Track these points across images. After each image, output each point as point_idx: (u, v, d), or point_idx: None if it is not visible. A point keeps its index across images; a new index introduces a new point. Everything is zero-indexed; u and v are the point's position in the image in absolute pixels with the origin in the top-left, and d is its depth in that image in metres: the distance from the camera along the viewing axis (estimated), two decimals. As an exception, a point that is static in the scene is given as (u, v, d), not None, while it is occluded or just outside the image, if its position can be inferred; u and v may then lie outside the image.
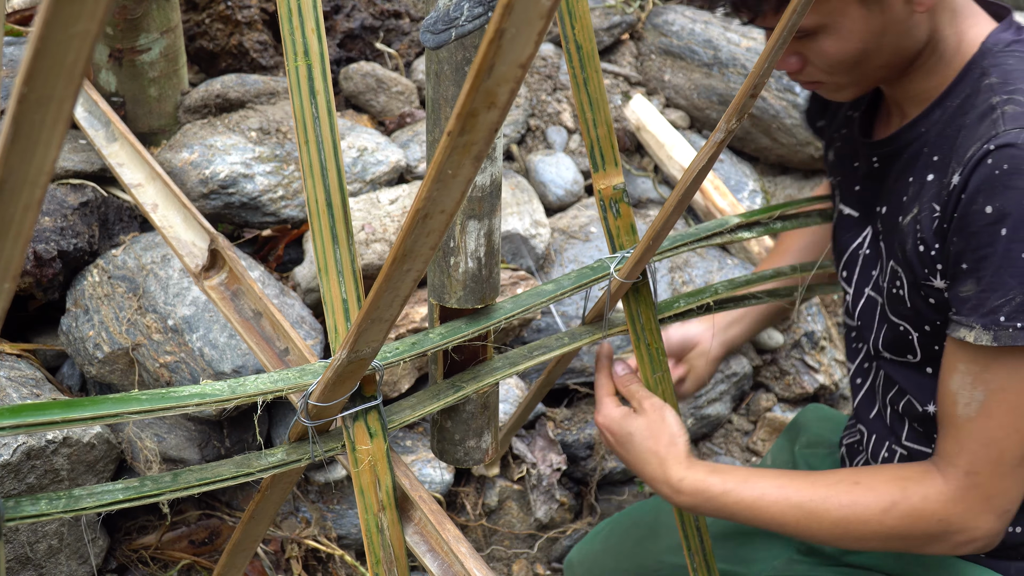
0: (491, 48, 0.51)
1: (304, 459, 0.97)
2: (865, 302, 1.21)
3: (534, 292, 1.08)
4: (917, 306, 1.10)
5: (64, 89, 0.46)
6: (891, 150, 1.15)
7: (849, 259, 1.24)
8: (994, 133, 0.98)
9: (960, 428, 1.02)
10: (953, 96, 1.08)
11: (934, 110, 1.10)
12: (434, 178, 0.62)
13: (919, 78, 1.12)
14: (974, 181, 0.98)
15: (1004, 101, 1.01)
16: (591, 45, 1.05)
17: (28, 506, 0.83)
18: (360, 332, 0.82)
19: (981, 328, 0.98)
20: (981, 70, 1.06)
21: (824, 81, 1.14)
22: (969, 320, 1.00)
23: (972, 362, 1.01)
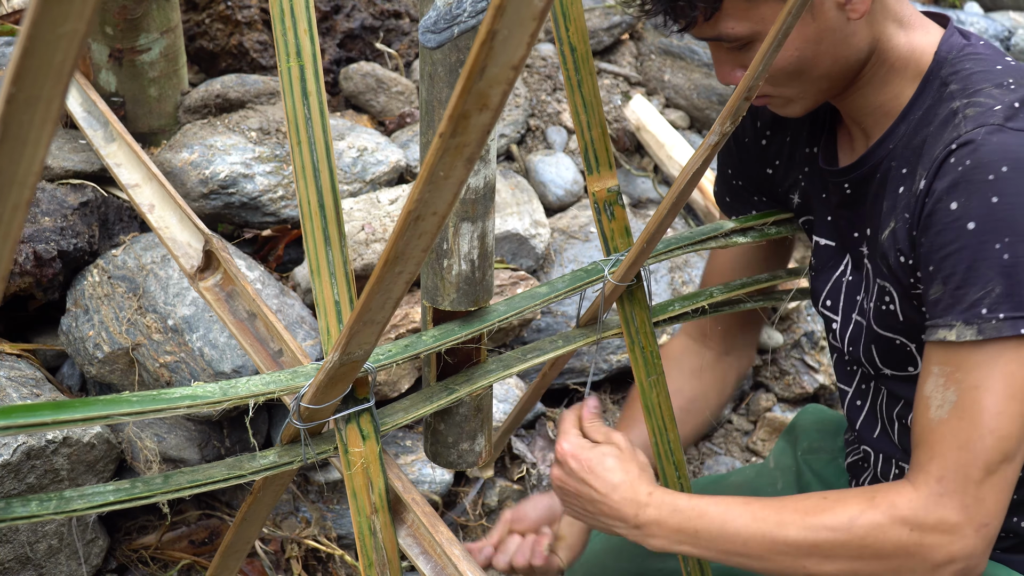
0: (483, 50, 0.51)
1: (296, 461, 0.97)
2: (853, 327, 1.20)
3: (528, 294, 1.07)
4: (911, 318, 1.09)
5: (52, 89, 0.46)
6: (861, 173, 1.14)
7: (833, 288, 1.23)
8: (956, 135, 0.98)
9: (932, 432, 0.98)
10: (916, 108, 1.07)
11: (899, 125, 1.09)
12: (426, 180, 0.62)
13: (871, 92, 1.11)
14: (939, 182, 0.98)
15: (965, 105, 1.01)
16: (585, 47, 1.05)
17: (19, 507, 0.83)
18: (352, 334, 0.82)
19: (963, 324, 0.95)
20: (940, 80, 1.06)
21: (771, 94, 1.12)
22: (947, 319, 0.97)
23: (945, 363, 0.98)
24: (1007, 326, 0.94)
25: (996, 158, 0.95)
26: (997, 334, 0.94)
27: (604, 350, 2.00)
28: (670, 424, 1.21)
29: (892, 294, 1.10)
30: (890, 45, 1.09)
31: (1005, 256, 0.94)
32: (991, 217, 0.94)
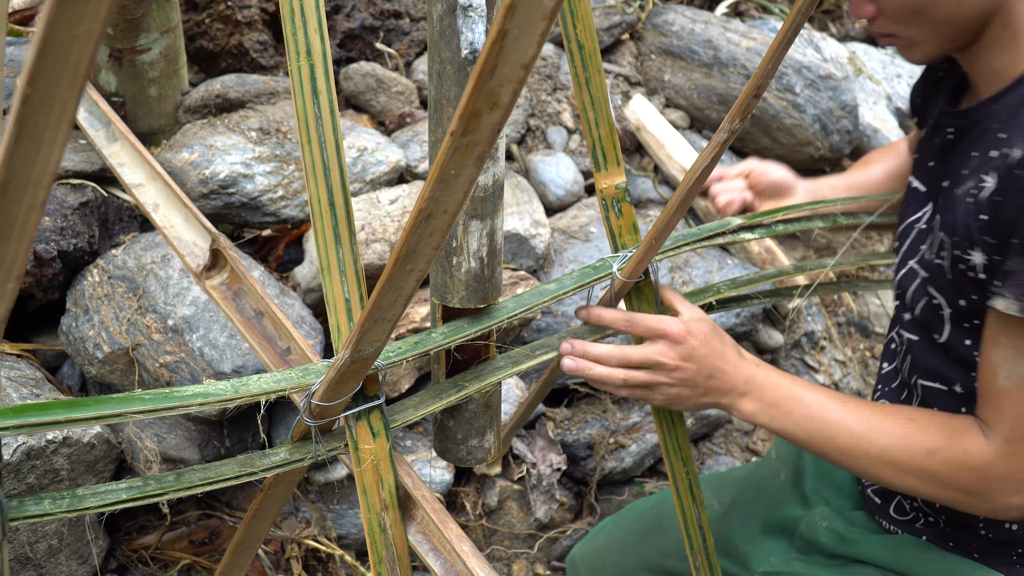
0: (494, 49, 0.51)
1: (307, 458, 0.97)
2: (906, 272, 1.22)
3: (536, 291, 1.08)
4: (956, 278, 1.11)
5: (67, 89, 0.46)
6: (965, 123, 1.16)
7: (904, 230, 1.25)
8: None
9: (1000, 398, 1.03)
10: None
11: (1011, 91, 1.10)
12: (437, 178, 0.62)
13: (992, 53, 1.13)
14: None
15: None
16: (593, 44, 1.05)
17: (32, 506, 0.83)
18: (363, 332, 0.82)
19: (1013, 298, 0.99)
20: None
21: (896, 34, 1.15)
22: (1002, 290, 1.01)
23: (1014, 336, 1.02)
24: None
25: None
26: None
27: (604, 349, 2.01)
28: (677, 419, 1.21)
29: (948, 249, 1.12)
30: (1018, 10, 1.10)
31: None
32: None
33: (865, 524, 1.33)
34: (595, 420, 2.01)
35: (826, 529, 1.33)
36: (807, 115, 2.29)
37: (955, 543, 1.21)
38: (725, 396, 1.12)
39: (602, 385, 1.13)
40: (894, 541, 1.26)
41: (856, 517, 1.34)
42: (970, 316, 1.11)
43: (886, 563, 1.25)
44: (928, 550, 1.22)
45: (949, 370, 1.15)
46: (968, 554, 1.20)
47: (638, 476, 2.11)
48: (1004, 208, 1.02)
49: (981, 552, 1.19)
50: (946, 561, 1.20)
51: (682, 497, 1.21)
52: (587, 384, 2.03)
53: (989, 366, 1.05)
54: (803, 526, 1.38)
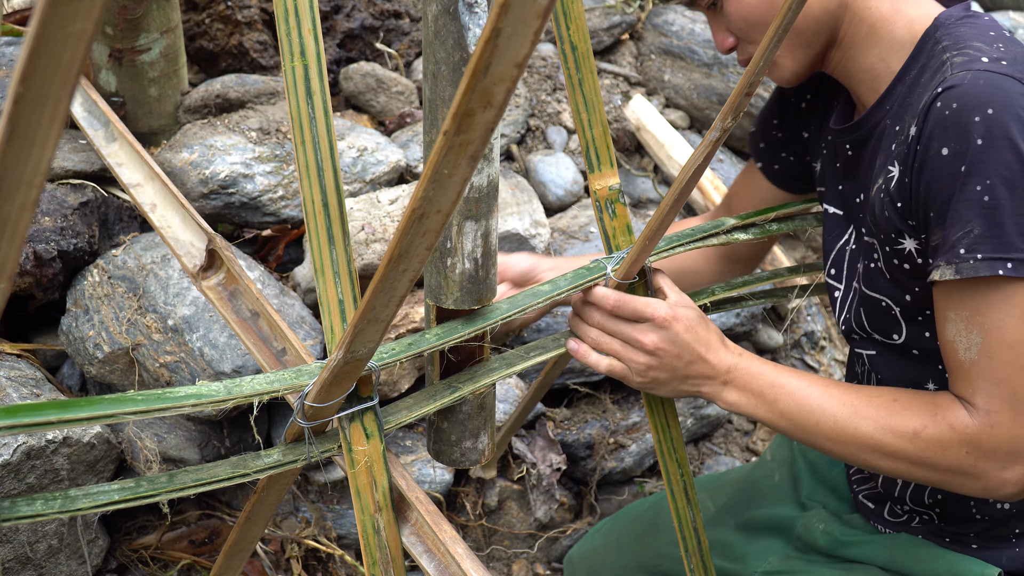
0: (487, 47, 0.51)
1: (300, 460, 0.97)
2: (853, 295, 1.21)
3: (531, 292, 1.08)
4: (894, 275, 1.11)
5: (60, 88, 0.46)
6: (860, 135, 1.16)
7: (837, 256, 1.24)
8: (942, 79, 0.99)
9: (967, 371, 1.02)
10: (910, 70, 1.09)
11: (895, 87, 1.10)
12: (430, 178, 0.62)
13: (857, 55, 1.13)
14: (927, 127, 0.99)
15: (954, 55, 1.02)
16: (586, 46, 1.05)
17: (24, 506, 0.83)
18: (356, 333, 0.82)
19: (945, 264, 0.98)
20: (935, 40, 1.07)
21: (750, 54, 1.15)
22: (936, 261, 1.00)
23: (960, 307, 1.00)
24: (984, 266, 0.96)
25: (982, 99, 0.96)
26: (974, 274, 0.96)
27: (604, 350, 2.00)
28: (672, 422, 1.21)
29: (877, 251, 1.12)
30: (866, 5, 1.10)
31: (985, 198, 0.95)
32: (976, 159, 0.95)
33: (861, 526, 1.32)
34: (595, 420, 2.01)
35: (823, 532, 1.33)
36: (808, 115, 2.28)
37: (952, 537, 1.21)
38: (706, 384, 1.11)
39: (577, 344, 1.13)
40: (891, 541, 1.26)
41: (852, 520, 1.34)
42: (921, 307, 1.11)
43: (884, 563, 1.25)
44: (925, 547, 1.22)
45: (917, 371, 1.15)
46: (966, 546, 1.20)
47: (638, 476, 2.11)
48: (912, 187, 1.02)
49: (979, 540, 1.19)
50: (944, 558, 1.20)
51: (676, 499, 1.20)
52: (587, 384, 2.03)
53: (948, 344, 1.03)
54: (800, 528, 1.38)
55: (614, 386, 2.08)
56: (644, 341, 1.08)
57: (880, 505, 1.30)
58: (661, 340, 1.08)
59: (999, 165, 0.95)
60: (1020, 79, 0.97)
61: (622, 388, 2.08)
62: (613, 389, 2.07)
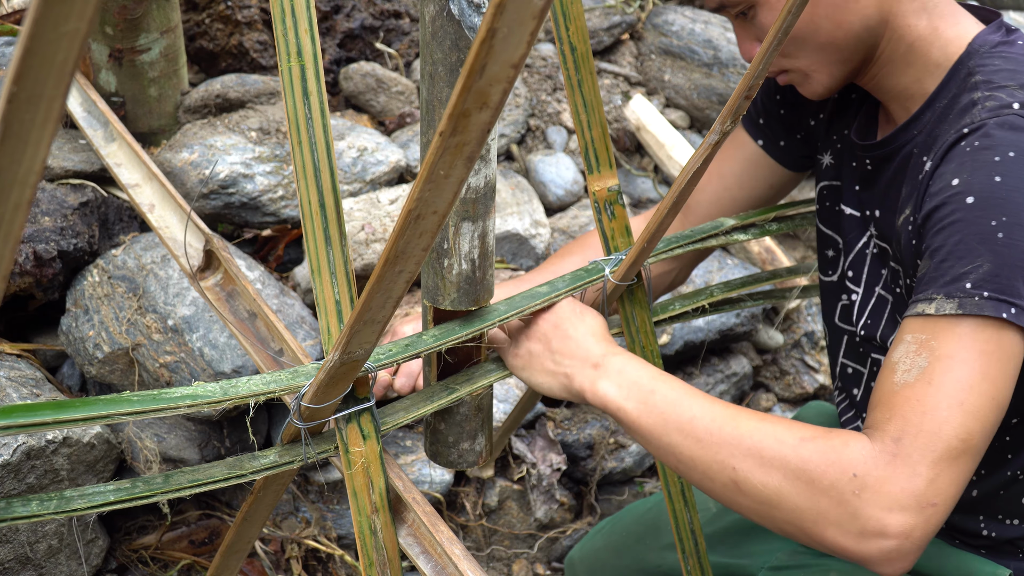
0: (483, 48, 0.51)
1: (297, 461, 0.97)
2: (876, 301, 1.19)
3: (529, 294, 1.07)
4: None
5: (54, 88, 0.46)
6: (883, 153, 1.15)
7: (856, 259, 1.22)
8: (969, 121, 0.98)
9: (895, 395, 0.89)
10: (941, 97, 1.07)
11: (924, 112, 1.09)
12: (426, 179, 0.62)
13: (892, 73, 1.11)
14: (945, 161, 0.97)
15: (985, 97, 1.00)
16: (585, 47, 1.05)
17: (19, 507, 0.83)
18: (353, 333, 0.82)
19: (944, 297, 0.90)
20: (968, 70, 1.05)
21: (787, 68, 1.13)
22: (928, 292, 0.92)
23: (921, 330, 0.91)
24: (989, 306, 0.88)
25: (1005, 143, 0.94)
26: (978, 312, 0.88)
27: (604, 350, 2.00)
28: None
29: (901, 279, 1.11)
30: (907, 23, 1.08)
31: (999, 235, 0.91)
32: (991, 194, 0.92)
33: None
34: (595, 420, 2.01)
35: None
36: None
37: (960, 541, 1.21)
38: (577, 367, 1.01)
39: None
40: None
41: None
42: None
43: None
44: (935, 545, 1.21)
45: None
46: (975, 550, 1.20)
47: (638, 476, 2.10)
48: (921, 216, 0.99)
49: (988, 550, 1.19)
50: (955, 556, 1.19)
51: (674, 501, 1.20)
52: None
53: (888, 366, 0.92)
54: None
55: (614, 386, 2.07)
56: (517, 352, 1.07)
57: None
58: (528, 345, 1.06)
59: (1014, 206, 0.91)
60: None
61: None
62: (613, 389, 2.07)
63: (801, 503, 0.88)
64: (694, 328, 2.05)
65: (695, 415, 0.94)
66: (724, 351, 2.17)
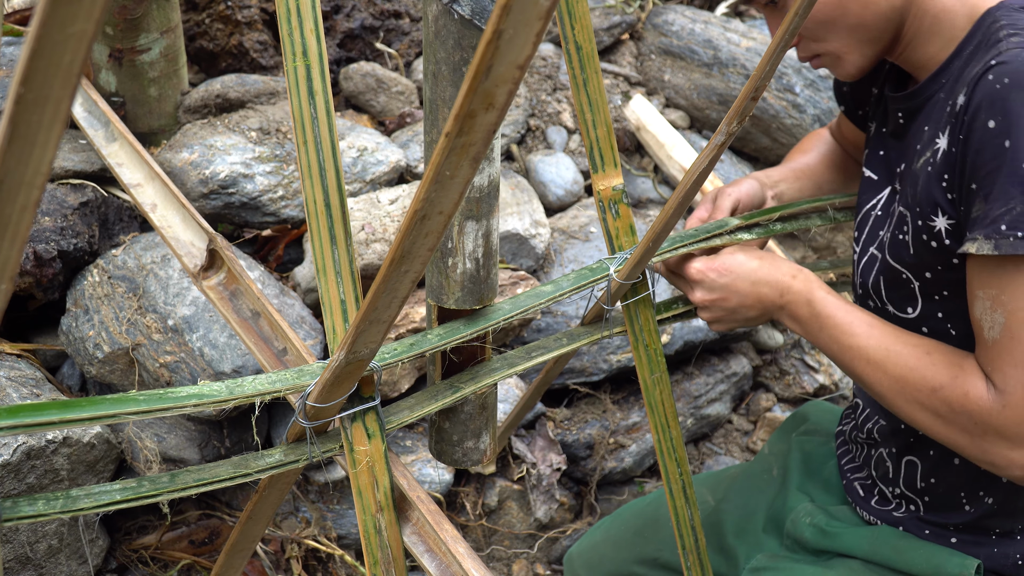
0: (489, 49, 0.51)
1: (302, 460, 0.97)
2: (867, 259, 1.23)
3: (533, 293, 1.08)
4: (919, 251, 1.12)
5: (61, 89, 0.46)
6: (914, 104, 1.17)
7: (862, 219, 1.26)
8: (996, 53, 0.99)
9: (990, 350, 1.03)
10: (968, 45, 1.09)
11: (952, 61, 1.11)
12: (432, 179, 0.62)
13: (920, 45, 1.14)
14: (975, 98, 0.99)
15: (1009, 34, 1.02)
16: (591, 46, 1.05)
17: (26, 506, 0.83)
18: (358, 333, 0.82)
19: (983, 238, 0.98)
20: (993, 19, 1.07)
21: (819, 52, 1.16)
22: (974, 233, 1.00)
23: (988, 286, 1.01)
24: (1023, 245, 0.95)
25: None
26: (1013, 251, 0.96)
27: (604, 350, 2.00)
28: (672, 422, 1.21)
29: (908, 224, 1.12)
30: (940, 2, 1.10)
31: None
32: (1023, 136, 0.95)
33: (847, 518, 1.34)
34: (595, 420, 2.01)
35: (809, 525, 1.34)
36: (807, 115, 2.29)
37: (931, 530, 1.23)
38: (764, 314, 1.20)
39: None
40: (872, 533, 1.28)
41: (839, 512, 1.36)
42: (939, 287, 1.12)
43: (865, 554, 1.27)
44: (905, 539, 1.25)
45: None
46: (945, 540, 1.22)
47: (638, 476, 2.11)
48: (958, 158, 1.02)
49: (959, 534, 1.21)
50: (923, 549, 1.22)
51: (675, 498, 1.20)
52: (587, 384, 2.03)
53: (975, 322, 1.05)
54: (788, 524, 1.39)
55: (614, 386, 2.08)
56: (695, 297, 1.21)
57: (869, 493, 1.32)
58: (704, 293, 1.19)
59: None
60: None
61: (622, 388, 2.08)
62: (613, 389, 2.07)
63: (942, 433, 1.09)
64: (694, 328, 2.05)
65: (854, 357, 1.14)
66: (724, 351, 2.17)
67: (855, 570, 1.26)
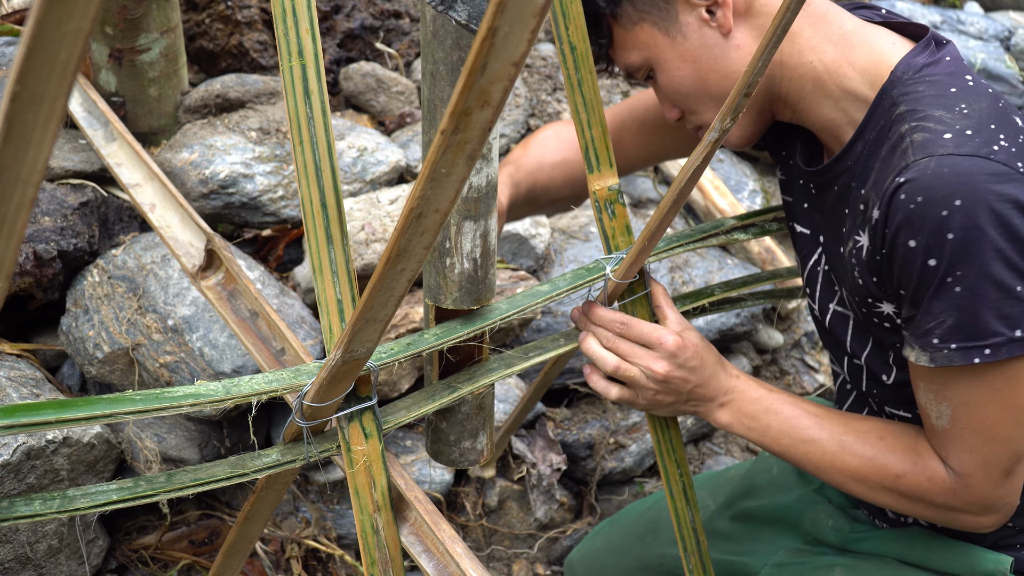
0: (484, 46, 0.51)
1: (299, 460, 0.97)
2: (832, 316, 1.21)
3: (530, 293, 1.08)
4: (875, 332, 1.12)
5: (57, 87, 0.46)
6: (823, 180, 1.15)
7: (810, 276, 1.24)
8: (904, 164, 0.98)
9: (941, 437, 1.05)
10: (870, 128, 1.06)
11: (855, 143, 1.08)
12: (428, 177, 0.62)
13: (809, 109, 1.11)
14: (893, 217, 0.98)
15: (912, 129, 0.99)
16: (585, 46, 1.05)
17: (22, 506, 0.83)
18: (354, 332, 0.82)
19: (919, 349, 1.01)
20: (891, 100, 1.04)
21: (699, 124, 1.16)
22: (911, 340, 1.02)
23: (929, 380, 1.03)
24: (958, 356, 0.98)
25: (948, 191, 0.94)
26: (948, 363, 0.98)
27: (604, 350, 2.00)
28: (672, 422, 1.21)
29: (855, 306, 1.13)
30: (803, 60, 1.08)
31: (957, 289, 0.96)
32: (950, 254, 0.95)
33: (867, 522, 1.33)
34: (595, 420, 2.01)
35: (831, 528, 1.34)
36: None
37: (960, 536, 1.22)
38: (704, 404, 1.15)
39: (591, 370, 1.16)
40: (902, 534, 1.26)
41: (859, 515, 1.34)
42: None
43: (898, 555, 1.26)
44: (937, 539, 1.23)
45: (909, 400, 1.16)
46: (974, 541, 1.21)
47: (638, 476, 2.11)
48: (884, 266, 1.02)
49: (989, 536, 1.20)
50: (957, 548, 1.21)
51: (676, 499, 1.20)
52: (587, 384, 2.03)
53: (922, 408, 1.07)
54: (808, 523, 1.38)
55: (614, 386, 2.07)
56: (656, 370, 1.11)
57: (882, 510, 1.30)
58: (672, 368, 1.11)
59: (973, 258, 0.95)
60: (985, 155, 0.95)
61: (622, 388, 2.08)
62: (613, 389, 2.07)
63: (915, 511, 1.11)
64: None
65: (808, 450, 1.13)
66: (724, 351, 2.17)
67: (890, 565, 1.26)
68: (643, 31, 1.10)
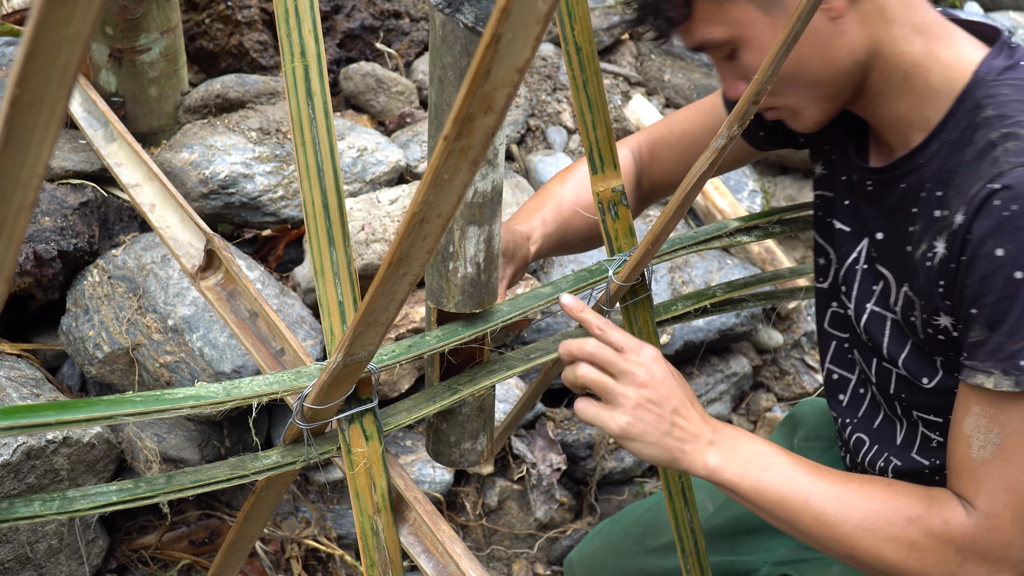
0: (488, 52, 0.50)
1: (299, 461, 0.97)
2: (869, 316, 1.17)
3: (531, 295, 1.07)
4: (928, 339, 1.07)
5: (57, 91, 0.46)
6: (888, 178, 1.11)
7: (847, 274, 1.20)
8: (997, 172, 0.94)
9: (976, 470, 0.98)
10: (949, 129, 1.03)
11: (931, 143, 1.04)
12: (430, 182, 0.62)
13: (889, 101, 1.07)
14: (981, 223, 0.94)
15: (1004, 136, 0.96)
16: (591, 47, 1.05)
17: (22, 507, 0.83)
18: (356, 335, 0.82)
19: (1001, 373, 0.94)
20: (976, 102, 1.01)
21: (775, 106, 1.10)
22: (986, 365, 0.95)
23: (987, 404, 0.96)
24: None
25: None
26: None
27: (604, 350, 2.00)
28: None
29: (918, 311, 1.08)
30: (899, 50, 1.04)
31: None
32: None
33: None
34: (595, 421, 2.01)
35: None
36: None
37: None
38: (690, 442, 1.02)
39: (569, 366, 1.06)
40: None
41: None
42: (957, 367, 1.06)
43: None
44: None
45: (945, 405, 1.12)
46: None
47: (638, 476, 2.10)
48: (959, 277, 0.98)
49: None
50: None
51: (674, 500, 1.20)
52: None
53: (961, 437, 0.99)
54: None
55: (614, 387, 2.07)
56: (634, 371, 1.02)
57: None
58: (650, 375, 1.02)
59: None
60: None
61: (622, 389, 2.08)
62: (613, 390, 2.07)
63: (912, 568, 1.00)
64: (694, 328, 2.05)
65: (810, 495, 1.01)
66: (724, 351, 2.17)
67: None
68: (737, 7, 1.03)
